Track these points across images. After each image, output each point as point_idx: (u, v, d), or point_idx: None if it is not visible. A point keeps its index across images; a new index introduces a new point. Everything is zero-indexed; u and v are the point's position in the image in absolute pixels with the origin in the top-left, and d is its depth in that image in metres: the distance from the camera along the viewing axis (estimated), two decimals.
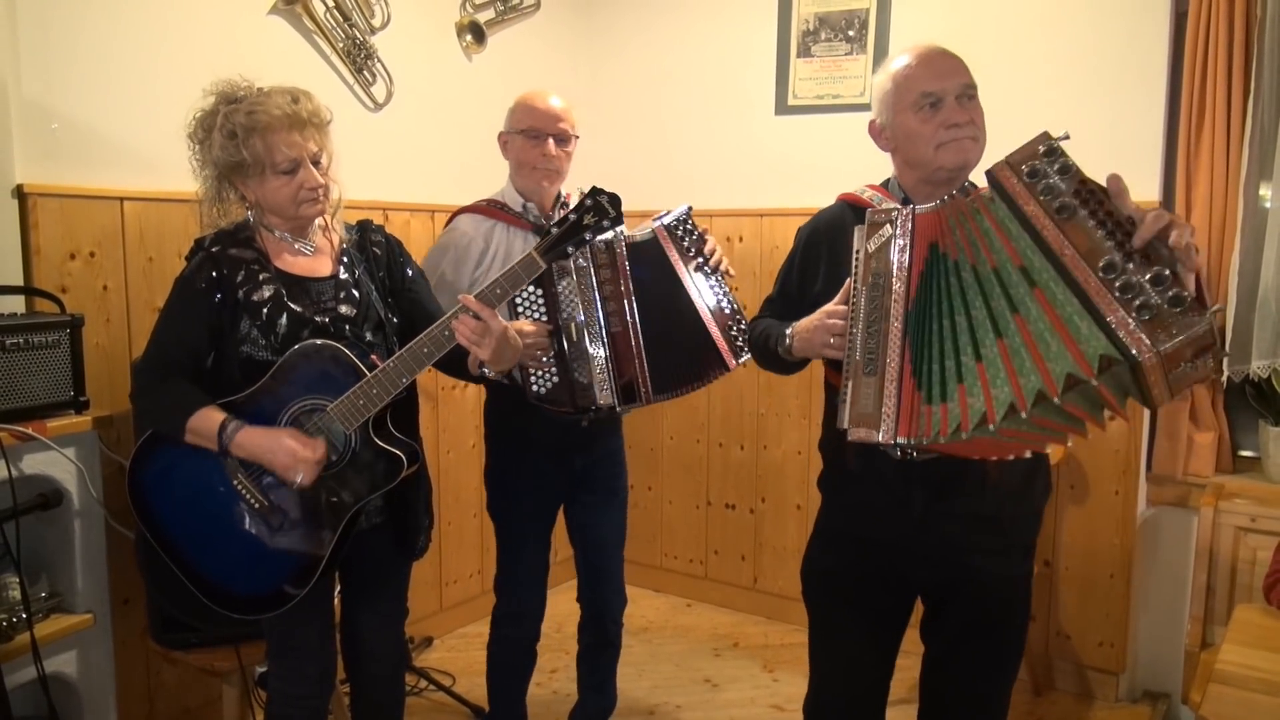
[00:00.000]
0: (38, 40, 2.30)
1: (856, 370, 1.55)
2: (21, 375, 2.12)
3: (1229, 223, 2.77)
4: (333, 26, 2.95)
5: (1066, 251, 1.37)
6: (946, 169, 1.70)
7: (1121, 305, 1.32)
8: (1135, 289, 1.32)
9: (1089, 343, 1.33)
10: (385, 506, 2.02)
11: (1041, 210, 1.40)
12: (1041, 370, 1.36)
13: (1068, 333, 1.35)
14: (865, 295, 1.56)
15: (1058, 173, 1.41)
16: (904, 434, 1.50)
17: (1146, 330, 1.29)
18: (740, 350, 2.23)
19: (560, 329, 2.14)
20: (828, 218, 1.87)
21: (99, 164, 2.44)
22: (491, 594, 2.47)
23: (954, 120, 1.67)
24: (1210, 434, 2.91)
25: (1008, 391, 1.38)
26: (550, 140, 2.28)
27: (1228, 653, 2.01)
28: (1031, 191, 1.42)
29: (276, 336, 1.85)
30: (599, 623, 2.52)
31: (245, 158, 1.79)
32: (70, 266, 2.37)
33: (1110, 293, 1.33)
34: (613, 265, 2.18)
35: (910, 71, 1.71)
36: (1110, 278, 1.33)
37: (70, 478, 2.22)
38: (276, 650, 2.03)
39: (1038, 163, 1.43)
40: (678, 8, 3.70)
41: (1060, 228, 1.39)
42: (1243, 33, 2.69)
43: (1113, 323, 1.32)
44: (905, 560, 1.80)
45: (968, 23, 3.09)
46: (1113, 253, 1.35)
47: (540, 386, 2.15)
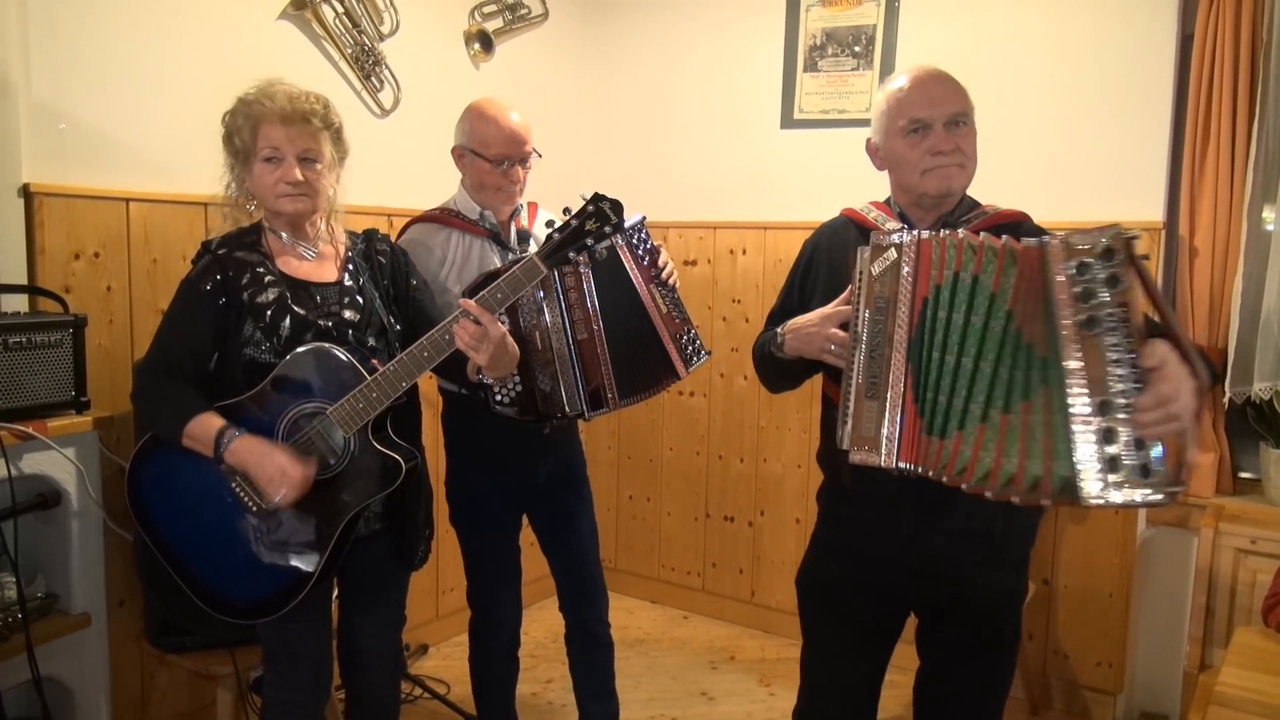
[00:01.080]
0: (46, 41, 2.30)
1: (859, 393, 1.56)
2: (23, 374, 2.12)
3: (1232, 245, 2.78)
4: (341, 32, 2.96)
5: (1075, 366, 1.37)
6: (930, 195, 1.72)
7: (1097, 446, 1.35)
8: (1110, 438, 1.34)
9: (1058, 462, 1.38)
10: (385, 513, 2.02)
11: (1071, 312, 1.37)
12: (1046, 466, 1.41)
13: (1050, 443, 1.39)
14: (868, 319, 1.57)
15: (1106, 283, 1.35)
16: (905, 460, 1.52)
17: (1107, 479, 1.34)
18: (690, 359, 2.22)
19: (524, 337, 2.11)
20: (828, 233, 1.88)
21: (105, 165, 2.44)
22: None
23: (939, 148, 1.68)
24: (1211, 455, 2.90)
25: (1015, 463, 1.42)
26: (517, 166, 2.26)
27: (1228, 675, 2.00)
28: (1070, 288, 1.37)
29: (279, 339, 1.85)
30: (585, 626, 2.51)
31: (238, 144, 1.85)
32: (74, 267, 2.38)
33: (1091, 430, 1.35)
34: (575, 272, 2.14)
35: (902, 96, 1.72)
36: (1100, 416, 1.35)
37: (69, 478, 2.22)
38: (272, 655, 2.02)
39: (1094, 261, 1.36)
40: (685, 19, 3.71)
41: (1081, 341, 1.37)
42: (1248, 56, 2.70)
43: (1080, 459, 1.36)
44: (899, 576, 1.80)
45: (974, 41, 3.10)
46: (1108, 391, 1.35)
47: (504, 395, 2.12)
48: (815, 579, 1.92)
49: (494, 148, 2.24)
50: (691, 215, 3.70)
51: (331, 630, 2.08)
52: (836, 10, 3.35)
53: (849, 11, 3.33)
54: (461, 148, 2.31)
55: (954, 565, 1.76)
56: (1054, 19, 2.98)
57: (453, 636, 3.53)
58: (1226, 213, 2.77)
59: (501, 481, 2.35)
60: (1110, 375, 1.35)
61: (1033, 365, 1.42)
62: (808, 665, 1.94)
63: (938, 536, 1.73)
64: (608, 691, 2.58)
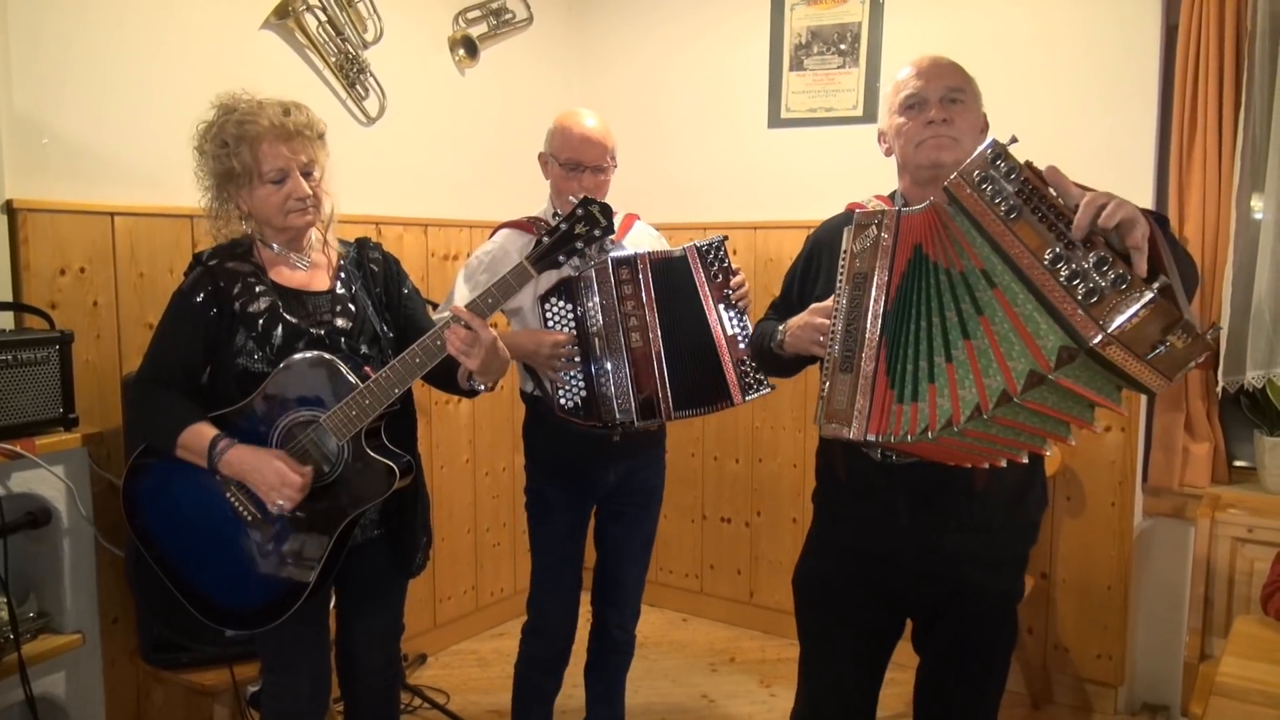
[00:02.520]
0: (29, 54, 2.28)
1: (834, 367, 1.57)
2: (10, 392, 2.10)
3: (1222, 234, 2.78)
4: (325, 41, 2.95)
5: (1016, 250, 1.39)
6: (923, 167, 1.74)
7: (1069, 294, 1.31)
8: (1080, 275, 1.31)
9: (1047, 337, 1.34)
10: (382, 521, 2.01)
11: (991, 214, 1.43)
12: (1004, 370, 1.37)
13: (1027, 330, 1.36)
14: (847, 294, 1.58)
15: (1004, 176, 1.43)
16: (873, 431, 1.51)
17: (1095, 314, 1.28)
18: (748, 388, 2.23)
19: (587, 342, 2.17)
20: (832, 227, 1.89)
21: (90, 179, 2.42)
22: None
23: (930, 118, 1.72)
24: (1206, 445, 2.91)
25: (973, 393, 1.40)
26: (587, 173, 2.28)
27: (1228, 665, 2.00)
28: (982, 197, 1.44)
29: (272, 348, 1.84)
30: (607, 630, 2.52)
31: (235, 166, 1.81)
32: (60, 282, 2.36)
33: (1058, 283, 1.32)
34: (635, 279, 2.19)
35: (904, 78, 1.79)
36: (1057, 268, 1.33)
37: (59, 496, 2.20)
38: (270, 666, 2.01)
39: (989, 170, 1.44)
40: (670, 21, 3.71)
41: (1010, 228, 1.40)
42: (1233, 45, 2.71)
43: (1065, 312, 1.31)
44: (896, 574, 1.79)
45: (960, 37, 3.10)
46: (1056, 244, 1.35)
47: (568, 400, 2.19)
48: (812, 578, 1.92)
49: (565, 152, 2.28)
50: (681, 216, 3.69)
51: (329, 640, 2.06)
52: (821, 8, 3.35)
53: (833, 9, 3.33)
54: (544, 154, 2.37)
55: (952, 563, 1.75)
56: (1039, 13, 2.99)
57: (451, 645, 3.52)
58: (1215, 202, 2.78)
59: (571, 490, 2.38)
60: (1050, 234, 1.36)
61: (975, 286, 1.44)
62: (806, 667, 1.94)
63: (935, 530, 1.73)
64: (612, 698, 2.58)
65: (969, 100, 1.76)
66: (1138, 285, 1.27)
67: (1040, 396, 1.34)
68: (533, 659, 2.46)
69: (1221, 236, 2.78)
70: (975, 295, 1.44)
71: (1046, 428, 1.42)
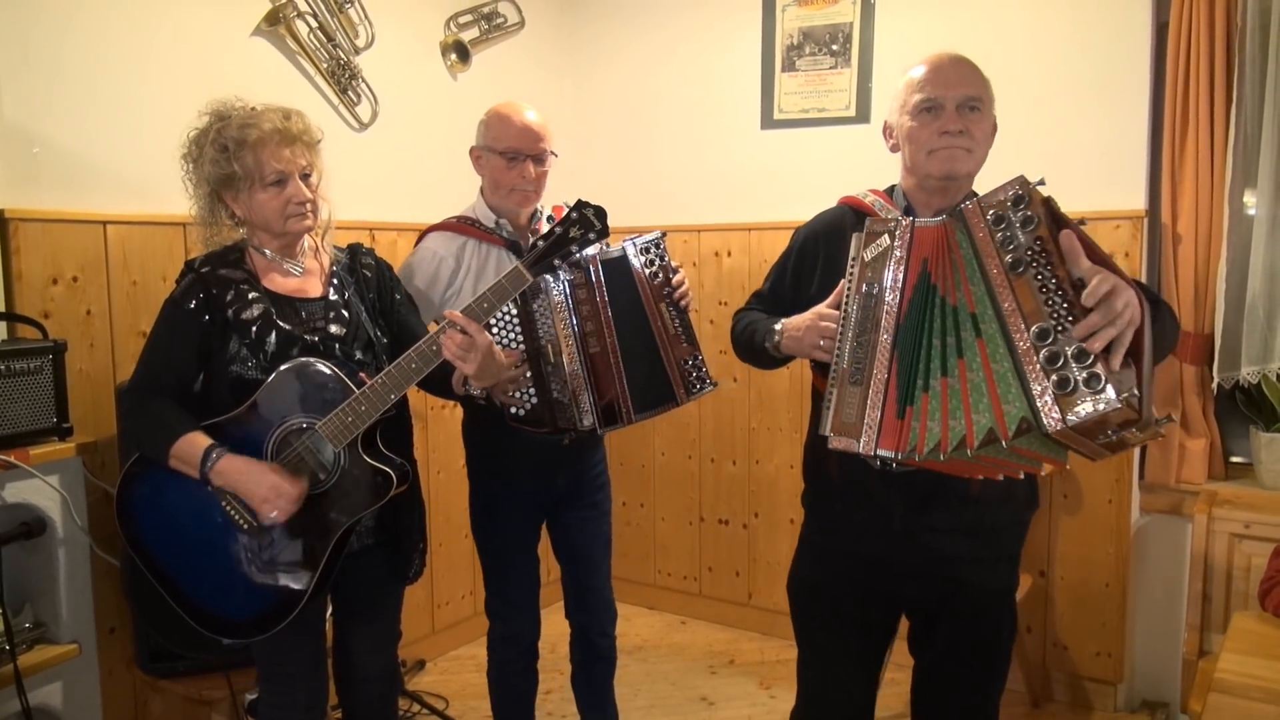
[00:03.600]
0: (18, 63, 2.28)
1: (843, 378, 1.55)
2: (3, 402, 2.09)
3: (1215, 231, 2.79)
4: (316, 47, 2.94)
5: (1009, 306, 1.40)
6: (934, 177, 1.71)
7: (1045, 375, 1.35)
8: (1060, 360, 1.34)
9: (1013, 403, 1.38)
10: (378, 527, 2.00)
11: (998, 259, 1.43)
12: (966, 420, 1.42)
13: (997, 391, 1.40)
14: (858, 304, 1.56)
15: (1021, 224, 1.42)
16: (885, 447, 1.50)
17: (1062, 404, 1.33)
18: (692, 386, 2.16)
19: (538, 349, 2.09)
20: (827, 220, 1.87)
21: (82, 187, 2.42)
22: (484, 616, 2.44)
23: (947, 128, 1.67)
24: (1202, 441, 2.91)
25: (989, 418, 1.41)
26: (529, 162, 2.23)
27: (1227, 661, 2.00)
28: (992, 238, 1.43)
29: (265, 355, 1.84)
30: (588, 638, 2.48)
31: (235, 170, 1.80)
32: (53, 291, 2.35)
33: (1038, 359, 1.36)
34: (588, 284, 2.11)
35: (921, 76, 1.73)
36: (1042, 344, 1.36)
37: (54, 505, 2.19)
38: (266, 675, 2.00)
39: (1006, 210, 1.43)
40: (662, 24, 3.71)
41: (1010, 282, 1.41)
42: (1223, 42, 2.71)
43: (1035, 392, 1.35)
44: (891, 575, 1.79)
45: (950, 36, 3.09)
46: (1047, 319, 1.37)
47: (519, 409, 2.12)
48: (806, 582, 1.91)
49: (505, 141, 2.22)
50: (675, 219, 3.69)
51: (326, 648, 2.06)
52: (812, 9, 3.35)
53: (825, 10, 3.33)
54: (478, 147, 2.29)
55: (947, 564, 1.75)
56: (1030, 12, 2.99)
57: (449, 651, 3.51)
58: (1208, 199, 2.78)
59: (520, 492, 2.33)
60: (1045, 305, 1.37)
61: (962, 325, 1.44)
62: (804, 670, 1.93)
63: (929, 534, 1.72)
64: (604, 705, 2.55)
65: (985, 108, 1.73)
66: (1113, 393, 1.31)
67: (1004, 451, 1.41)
68: (504, 664, 2.42)
69: (1215, 233, 2.79)
70: (960, 334, 1.45)
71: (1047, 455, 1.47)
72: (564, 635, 2.50)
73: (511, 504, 2.33)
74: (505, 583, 2.37)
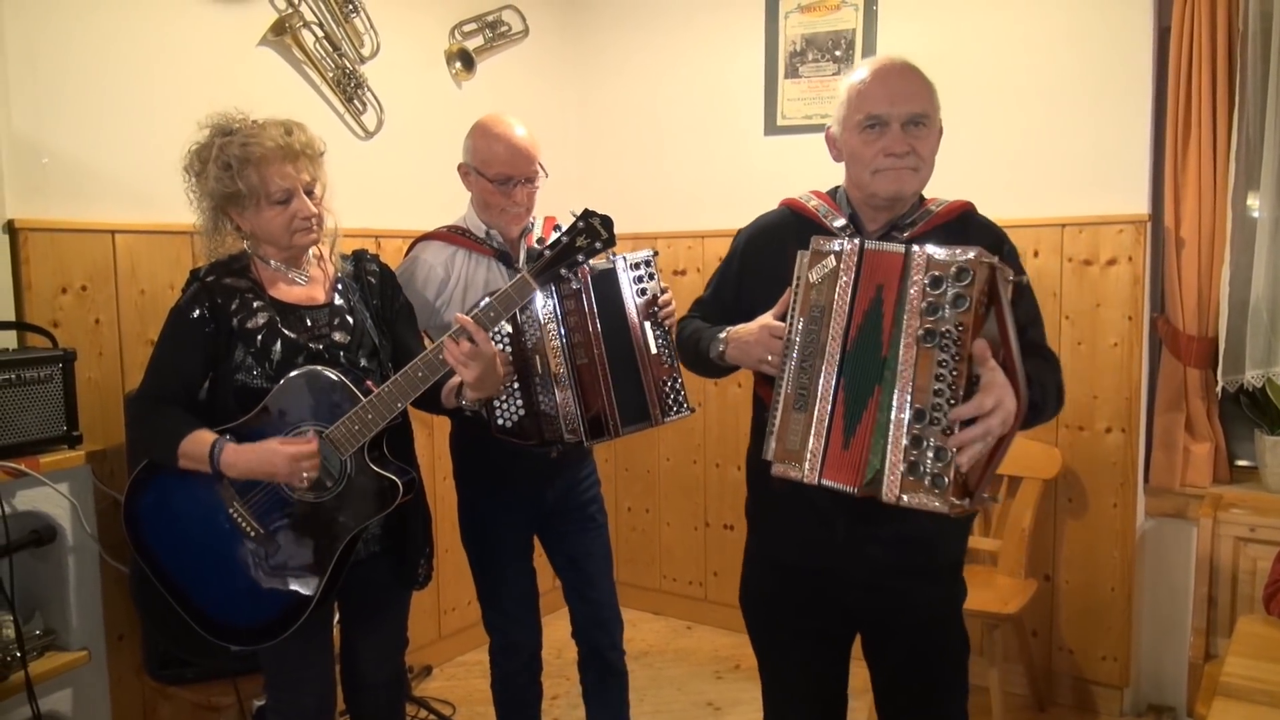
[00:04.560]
0: (26, 75, 2.30)
1: (787, 404, 1.52)
2: (13, 411, 2.11)
3: (1218, 234, 2.79)
4: (322, 56, 2.96)
5: (906, 372, 1.43)
6: (880, 196, 1.66)
7: (904, 453, 1.42)
8: (921, 445, 1.41)
9: (874, 457, 1.44)
10: (384, 535, 2.01)
11: (917, 319, 1.43)
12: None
13: (870, 439, 1.45)
14: (802, 327, 1.52)
15: (952, 302, 1.41)
16: (828, 478, 1.48)
17: (902, 484, 1.42)
18: (669, 408, 2.13)
19: (526, 360, 2.07)
20: (768, 223, 1.83)
21: (90, 197, 2.44)
22: None
23: (893, 149, 1.61)
24: (1206, 444, 2.91)
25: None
26: (520, 187, 2.20)
27: (1232, 665, 2.00)
28: (922, 298, 1.43)
29: (271, 364, 1.85)
30: (598, 654, 2.44)
31: (240, 188, 1.81)
32: (62, 301, 2.37)
33: (904, 435, 1.42)
34: (576, 295, 2.08)
35: (864, 88, 1.66)
36: (915, 423, 1.42)
37: (64, 513, 2.21)
38: (274, 682, 2.01)
39: (946, 278, 1.42)
40: (665, 31, 3.72)
41: (917, 349, 1.43)
42: (1225, 46, 2.72)
43: (891, 463, 1.42)
44: (836, 586, 1.75)
45: (953, 41, 3.11)
46: (930, 399, 1.41)
47: (505, 420, 2.09)
48: (755, 596, 1.87)
49: (495, 167, 2.19)
50: (679, 225, 3.71)
51: (334, 654, 2.06)
52: (815, 16, 3.37)
53: (828, 17, 3.34)
54: (466, 165, 2.26)
55: (890, 574, 1.71)
56: (1032, 17, 3.00)
57: (456, 657, 3.52)
58: (1211, 202, 2.79)
59: (510, 504, 2.30)
60: (932, 387, 1.41)
61: (873, 364, 1.47)
62: (765, 685, 1.90)
63: (873, 545, 1.68)
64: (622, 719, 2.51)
65: (931, 121, 1.66)
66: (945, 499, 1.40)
67: None
68: (506, 676, 2.39)
69: (1218, 236, 2.79)
70: (873, 373, 1.47)
71: None
72: (568, 641, 2.50)
73: (501, 516, 2.31)
74: (499, 595, 2.35)
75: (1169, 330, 2.91)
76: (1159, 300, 2.99)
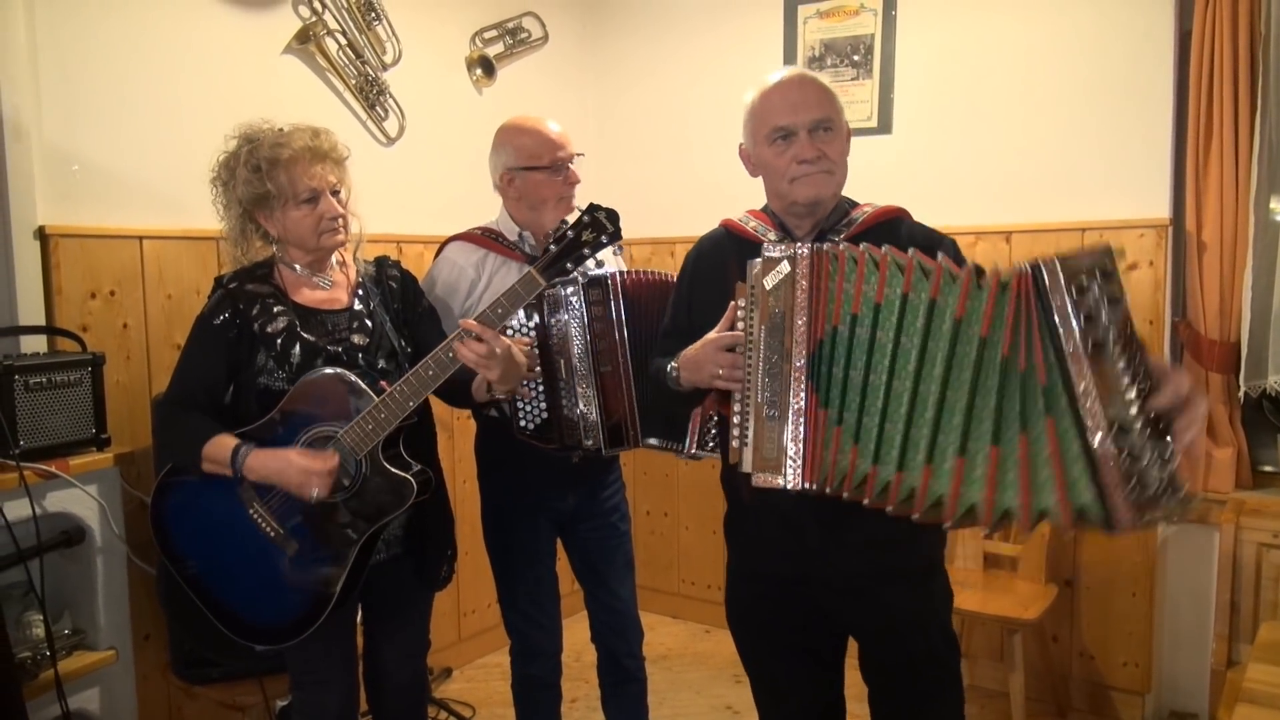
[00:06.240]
0: (58, 84, 2.34)
1: (758, 413, 1.50)
2: (44, 414, 2.15)
3: (1240, 238, 2.77)
4: (345, 64, 3.00)
5: (1086, 389, 1.28)
6: (800, 203, 1.68)
7: (1121, 473, 1.27)
8: (1134, 456, 1.26)
9: (1074, 490, 1.30)
10: (405, 536, 2.03)
11: (1078, 334, 1.28)
12: (1022, 498, 1.33)
13: (1063, 476, 1.31)
14: (764, 335, 1.50)
15: (1108, 302, 1.27)
16: (810, 480, 1.47)
17: (1136, 506, 1.27)
18: (703, 444, 2.09)
19: (552, 363, 2.07)
20: (710, 243, 1.85)
21: (118, 203, 2.48)
22: None
23: (804, 156, 1.64)
24: (1229, 450, 2.89)
25: (979, 497, 1.35)
26: (570, 167, 2.24)
27: (1254, 672, 1.99)
28: (1070, 306, 1.28)
29: (291, 366, 1.88)
30: (616, 660, 2.45)
31: (269, 189, 1.85)
32: (91, 305, 2.41)
33: (1115, 454, 1.27)
34: (605, 301, 2.08)
35: (766, 102, 1.69)
36: (1119, 438, 1.26)
37: (92, 515, 2.24)
38: (298, 682, 2.03)
39: (1089, 281, 1.28)
40: (684, 37, 3.74)
41: (1091, 362, 1.27)
42: (1247, 50, 2.71)
43: (1108, 488, 1.28)
44: (815, 593, 1.74)
45: (973, 47, 3.11)
46: (1126, 410, 1.26)
47: (528, 422, 2.10)
48: (738, 610, 1.88)
49: (546, 155, 2.22)
50: (698, 229, 3.69)
51: (357, 655, 2.09)
52: (834, 21, 3.37)
53: (846, 22, 3.35)
54: (510, 170, 2.24)
55: (864, 577, 1.70)
56: (1051, 22, 2.99)
57: (476, 659, 3.54)
58: (1233, 206, 2.77)
59: (533, 508, 2.30)
60: (1122, 395, 1.27)
61: (1029, 393, 1.33)
62: (757, 699, 1.89)
63: (844, 550, 1.67)
64: None
65: (837, 124, 1.69)
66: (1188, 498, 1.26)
67: None
68: (528, 679, 2.39)
69: (1240, 240, 2.77)
70: (1026, 404, 1.33)
71: None
72: (587, 644, 2.51)
73: (524, 520, 2.31)
74: (521, 599, 2.35)
75: (1190, 335, 2.90)
76: (1180, 305, 2.97)
